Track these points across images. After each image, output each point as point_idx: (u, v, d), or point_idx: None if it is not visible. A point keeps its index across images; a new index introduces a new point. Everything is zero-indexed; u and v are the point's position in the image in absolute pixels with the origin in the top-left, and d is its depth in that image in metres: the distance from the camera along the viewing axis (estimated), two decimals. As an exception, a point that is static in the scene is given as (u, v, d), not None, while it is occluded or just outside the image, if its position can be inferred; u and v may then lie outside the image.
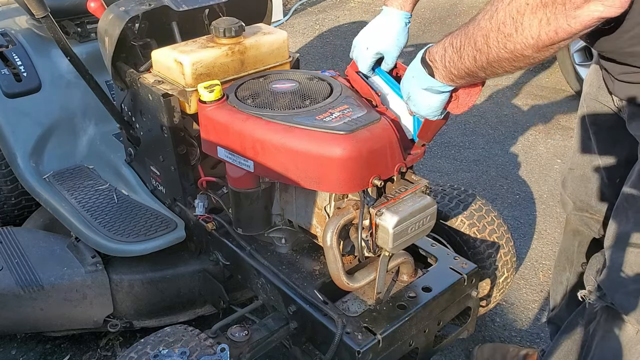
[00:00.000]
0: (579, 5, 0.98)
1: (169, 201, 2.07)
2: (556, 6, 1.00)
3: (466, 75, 1.21)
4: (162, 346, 1.48)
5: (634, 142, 1.38)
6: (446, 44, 1.22)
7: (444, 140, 3.63)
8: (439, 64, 1.24)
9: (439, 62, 1.24)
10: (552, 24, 1.02)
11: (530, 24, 1.04)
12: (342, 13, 5.70)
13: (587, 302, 1.53)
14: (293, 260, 1.78)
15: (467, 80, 1.25)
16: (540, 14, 1.02)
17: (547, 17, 1.02)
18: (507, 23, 1.07)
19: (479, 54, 1.14)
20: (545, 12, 1.01)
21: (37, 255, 2.03)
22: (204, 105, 1.60)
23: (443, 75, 1.25)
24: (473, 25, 1.15)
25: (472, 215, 2.02)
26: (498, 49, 1.10)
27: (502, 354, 2.10)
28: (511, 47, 1.09)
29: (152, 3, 1.87)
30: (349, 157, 1.40)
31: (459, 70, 1.21)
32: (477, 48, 1.14)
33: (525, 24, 1.04)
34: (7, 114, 2.31)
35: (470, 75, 1.21)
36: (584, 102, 1.65)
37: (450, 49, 1.20)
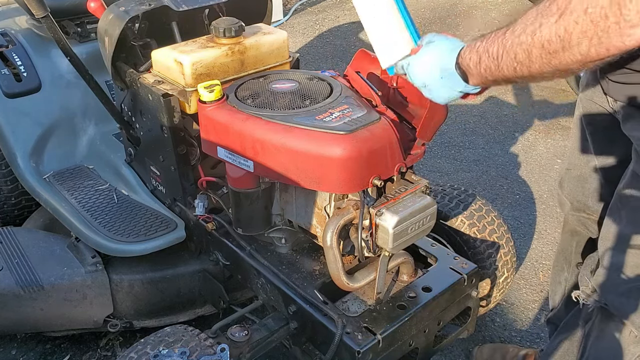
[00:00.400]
0: (635, 24, 0.95)
1: (169, 201, 2.07)
2: (609, 25, 0.96)
3: (503, 81, 1.20)
4: (162, 346, 1.49)
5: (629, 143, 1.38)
6: (480, 50, 1.18)
7: (444, 140, 3.63)
8: (474, 70, 1.21)
9: (473, 68, 1.21)
10: (604, 43, 0.99)
11: (579, 42, 1.00)
12: (342, 13, 5.69)
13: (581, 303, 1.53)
14: (293, 260, 1.78)
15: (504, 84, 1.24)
16: (590, 33, 0.99)
17: (598, 36, 0.98)
18: (553, 41, 1.03)
19: (519, 66, 1.12)
20: (596, 31, 0.98)
21: (37, 255, 2.03)
22: (204, 105, 1.60)
23: (477, 80, 1.23)
24: (511, 37, 1.11)
25: (472, 215, 2.02)
26: (542, 64, 1.08)
27: (501, 354, 2.10)
28: (556, 63, 1.06)
29: (152, 3, 1.87)
30: (349, 157, 1.40)
31: (496, 77, 1.18)
32: (518, 60, 1.11)
33: (574, 42, 1.01)
34: (7, 114, 2.31)
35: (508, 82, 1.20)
36: (580, 103, 1.65)
37: (485, 56, 1.17)
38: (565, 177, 1.80)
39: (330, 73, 1.75)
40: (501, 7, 5.68)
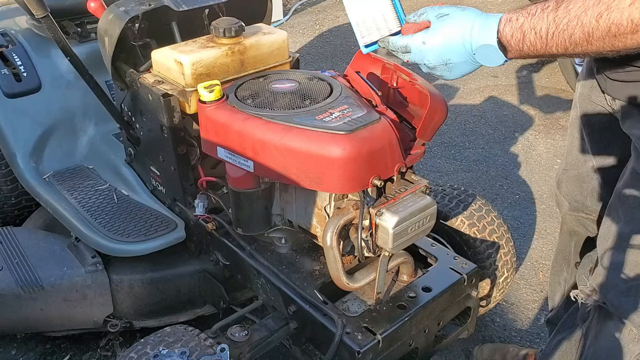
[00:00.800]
0: None
1: (169, 201, 2.07)
2: None
3: (543, 56, 1.16)
4: (162, 346, 1.49)
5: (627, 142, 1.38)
6: (525, 28, 1.13)
7: (444, 140, 3.63)
8: (514, 47, 1.16)
9: (514, 45, 1.16)
10: None
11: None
12: (342, 13, 5.69)
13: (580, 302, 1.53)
14: (293, 260, 1.78)
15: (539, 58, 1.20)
16: None
17: None
18: (623, 25, 0.99)
19: (573, 46, 1.07)
20: None
21: (37, 255, 2.03)
22: (204, 105, 1.60)
23: (515, 55, 1.18)
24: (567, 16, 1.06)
25: (472, 215, 2.02)
26: (602, 46, 1.04)
27: (502, 354, 2.11)
28: (619, 46, 1.03)
29: (152, 3, 1.87)
30: (349, 157, 1.40)
31: (538, 52, 1.13)
32: (573, 41, 1.07)
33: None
34: (7, 114, 2.31)
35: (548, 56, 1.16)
36: (577, 103, 1.65)
37: (532, 34, 1.12)
38: (563, 178, 1.80)
39: (330, 73, 1.75)
40: (501, 7, 5.68)
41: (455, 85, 4.26)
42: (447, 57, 1.24)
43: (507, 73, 4.47)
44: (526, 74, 4.46)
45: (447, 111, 1.56)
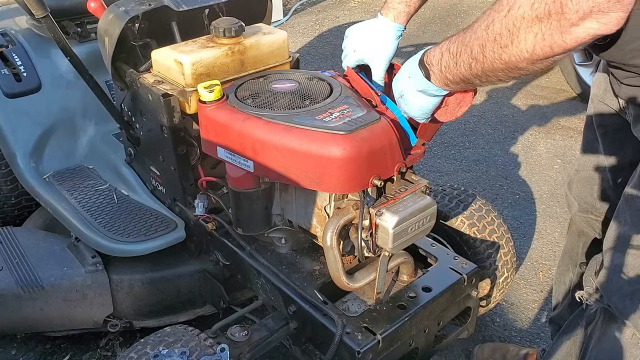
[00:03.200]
0: (574, 23, 0.98)
1: (169, 201, 2.07)
2: (551, 22, 0.99)
3: (461, 81, 1.22)
4: (162, 346, 1.49)
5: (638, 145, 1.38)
6: (443, 49, 1.22)
7: (444, 140, 3.63)
8: (435, 67, 1.25)
9: (435, 66, 1.25)
10: (547, 40, 1.02)
11: (526, 37, 1.04)
12: (342, 13, 5.69)
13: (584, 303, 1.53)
14: (293, 260, 1.78)
15: (462, 86, 1.26)
16: (535, 28, 1.02)
17: (542, 33, 1.01)
18: (504, 34, 1.07)
19: (474, 62, 1.15)
20: (540, 27, 1.01)
21: (37, 255, 2.03)
22: (204, 105, 1.60)
23: (438, 79, 1.26)
24: (470, 33, 1.15)
25: (472, 215, 2.02)
26: (493, 59, 1.11)
27: (502, 353, 2.11)
28: (506, 59, 1.09)
29: (152, 3, 1.87)
30: (349, 157, 1.39)
31: (454, 75, 1.22)
32: (473, 56, 1.14)
33: (521, 37, 1.04)
34: (7, 114, 2.31)
35: (465, 82, 1.22)
36: (592, 104, 1.65)
37: (447, 54, 1.21)
38: (574, 178, 1.79)
39: (330, 73, 1.75)
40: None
41: (455, 85, 4.25)
42: (401, 88, 1.38)
43: (507, 73, 4.46)
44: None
45: None
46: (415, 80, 1.31)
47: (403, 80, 1.36)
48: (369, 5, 5.89)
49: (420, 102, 1.35)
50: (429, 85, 1.29)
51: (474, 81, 1.20)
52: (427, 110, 1.37)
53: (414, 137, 1.53)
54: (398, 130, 1.51)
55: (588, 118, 1.68)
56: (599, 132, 1.63)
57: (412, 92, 1.34)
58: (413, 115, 1.41)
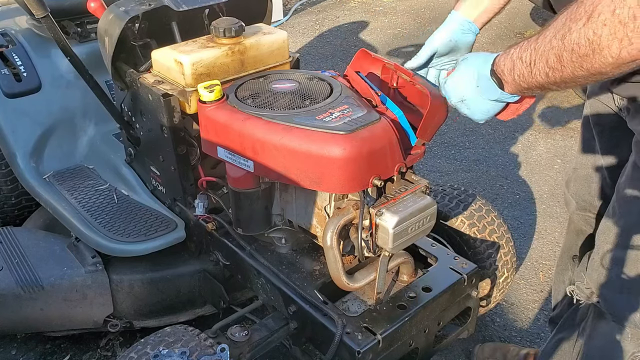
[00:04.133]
0: None
1: (169, 201, 2.07)
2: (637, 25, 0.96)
3: (537, 88, 1.20)
4: (162, 346, 1.48)
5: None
6: (514, 57, 1.20)
7: (444, 140, 3.63)
8: (508, 77, 1.23)
9: (507, 75, 1.23)
10: (635, 44, 0.99)
11: (609, 44, 1.01)
12: (342, 13, 5.69)
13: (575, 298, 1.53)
14: (293, 260, 1.78)
15: (537, 92, 1.24)
16: (620, 34, 0.99)
17: (628, 37, 0.98)
18: (582, 44, 1.03)
19: (552, 72, 1.12)
20: (626, 32, 0.98)
21: (37, 255, 2.03)
22: (204, 105, 1.60)
23: (512, 88, 1.25)
24: (543, 42, 1.12)
25: (472, 215, 2.02)
26: (573, 68, 1.08)
27: (502, 353, 2.11)
28: (588, 67, 1.06)
29: (152, 3, 1.87)
30: (349, 157, 1.39)
31: (529, 84, 1.19)
32: (550, 66, 1.12)
33: (604, 45, 1.01)
34: (7, 114, 2.31)
35: (542, 89, 1.20)
36: (588, 103, 1.65)
37: (519, 63, 1.19)
38: (572, 177, 1.80)
39: (330, 73, 1.75)
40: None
41: (455, 85, 4.25)
42: (462, 94, 1.35)
43: (507, 73, 4.46)
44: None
45: (447, 111, 1.56)
46: (486, 89, 1.29)
47: (467, 86, 1.33)
48: (369, 5, 5.89)
49: (488, 107, 1.34)
50: (504, 95, 1.28)
51: (552, 87, 1.17)
52: (492, 114, 1.36)
53: (414, 136, 1.53)
54: (398, 130, 1.51)
55: (585, 117, 1.68)
56: (596, 131, 1.63)
57: (480, 99, 1.32)
58: (475, 118, 1.39)
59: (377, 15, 5.62)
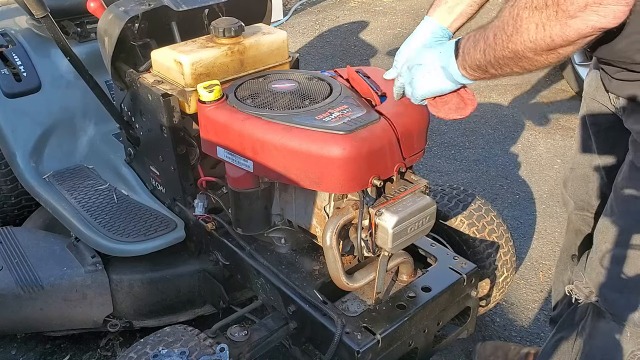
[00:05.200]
0: (572, 15, 0.99)
1: (168, 201, 2.07)
2: (549, 13, 1.01)
3: (477, 67, 1.22)
4: (161, 346, 1.49)
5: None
6: (471, 34, 1.24)
7: (444, 140, 3.63)
8: (461, 52, 1.26)
9: (461, 50, 1.26)
10: (547, 30, 1.03)
11: (528, 27, 1.05)
12: (342, 13, 5.69)
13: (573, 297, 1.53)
14: (293, 260, 1.78)
15: (478, 74, 1.25)
16: (536, 18, 1.03)
17: (542, 23, 1.03)
18: (509, 23, 1.09)
19: (488, 49, 1.17)
20: (540, 17, 1.03)
21: (37, 255, 2.03)
22: (204, 105, 1.60)
23: (460, 62, 1.26)
24: (491, 22, 1.17)
25: (471, 215, 2.02)
26: (502, 47, 1.13)
27: (504, 351, 2.11)
28: (512, 47, 1.10)
29: (152, 3, 1.87)
30: (349, 157, 1.40)
31: (472, 60, 1.22)
32: (488, 43, 1.16)
33: (524, 27, 1.06)
34: (7, 114, 2.31)
35: (480, 69, 1.22)
36: (584, 103, 1.65)
37: (472, 39, 1.23)
38: (569, 177, 1.80)
39: (330, 73, 1.75)
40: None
41: (455, 85, 4.25)
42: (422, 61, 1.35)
43: (507, 73, 4.46)
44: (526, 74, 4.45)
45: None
46: (444, 57, 1.29)
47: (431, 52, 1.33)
48: (369, 5, 5.89)
49: (435, 76, 1.32)
50: (451, 64, 1.27)
51: (489, 69, 1.21)
52: (434, 89, 1.34)
53: None
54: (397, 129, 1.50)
55: (581, 117, 1.68)
56: (592, 131, 1.63)
57: (435, 65, 1.31)
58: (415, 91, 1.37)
59: (377, 15, 5.62)
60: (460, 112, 1.37)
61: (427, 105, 1.41)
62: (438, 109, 1.39)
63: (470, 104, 1.36)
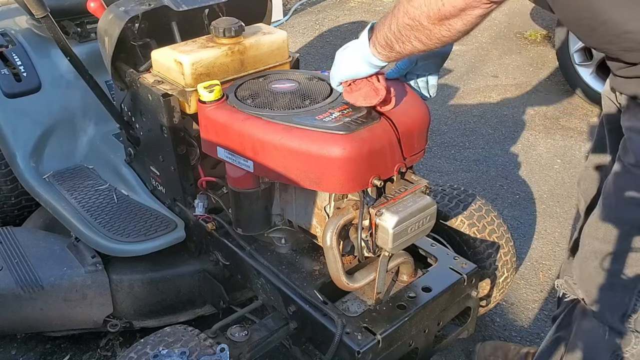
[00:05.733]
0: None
1: (168, 201, 2.07)
2: None
3: (385, 44, 1.27)
4: (161, 346, 1.49)
5: None
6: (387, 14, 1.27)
7: (444, 140, 3.63)
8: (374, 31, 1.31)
9: (374, 29, 1.31)
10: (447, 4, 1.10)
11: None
12: (342, 13, 5.69)
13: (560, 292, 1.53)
14: (293, 260, 1.78)
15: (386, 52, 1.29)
16: None
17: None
18: None
19: (393, 20, 1.22)
20: None
21: (37, 255, 2.03)
22: (204, 105, 1.60)
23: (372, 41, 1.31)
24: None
25: (471, 215, 2.02)
26: (403, 14, 1.18)
27: (504, 351, 2.11)
28: (411, 13, 1.16)
29: (152, 3, 1.87)
30: (349, 157, 1.40)
31: (380, 36, 1.27)
32: (393, 14, 1.22)
33: None
34: (7, 114, 2.31)
35: (388, 45, 1.27)
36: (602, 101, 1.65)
37: (383, 18, 1.27)
38: (583, 175, 1.79)
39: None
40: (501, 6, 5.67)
41: (455, 85, 4.26)
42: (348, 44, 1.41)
43: (507, 73, 4.47)
44: (526, 74, 4.46)
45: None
46: (362, 37, 1.34)
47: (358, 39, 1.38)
48: (369, 5, 5.89)
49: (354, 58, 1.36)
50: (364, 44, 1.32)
51: (394, 45, 1.25)
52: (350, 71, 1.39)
53: None
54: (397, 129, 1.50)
55: (599, 114, 1.67)
56: (607, 129, 1.62)
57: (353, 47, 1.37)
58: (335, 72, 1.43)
59: (377, 15, 5.62)
60: (368, 100, 1.41)
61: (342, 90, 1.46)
62: (349, 95, 1.44)
63: (380, 93, 1.40)
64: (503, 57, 4.74)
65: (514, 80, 4.38)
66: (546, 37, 5.03)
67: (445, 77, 4.39)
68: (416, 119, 1.55)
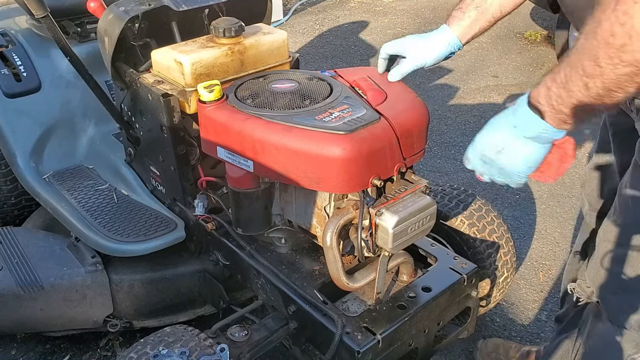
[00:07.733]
0: None
1: (168, 201, 2.07)
2: None
3: (581, 111, 1.04)
4: (161, 346, 1.49)
5: None
6: (548, 83, 1.07)
7: (444, 140, 3.63)
8: (546, 106, 1.08)
9: (545, 104, 1.08)
10: None
11: None
12: (342, 13, 5.69)
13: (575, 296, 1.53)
14: (293, 260, 1.78)
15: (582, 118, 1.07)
16: None
17: None
18: (617, 32, 0.91)
19: (591, 81, 0.98)
20: None
21: (37, 255, 2.03)
22: (204, 105, 1.60)
23: (552, 117, 1.08)
24: (574, 53, 1.00)
25: (471, 215, 2.02)
26: (614, 65, 0.94)
27: (505, 349, 2.11)
28: (629, 58, 0.92)
29: (152, 3, 1.87)
30: (349, 157, 1.40)
31: (570, 107, 1.04)
32: (587, 73, 0.98)
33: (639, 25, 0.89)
34: (7, 114, 2.31)
35: (585, 110, 1.04)
36: None
37: (554, 86, 1.05)
38: (587, 177, 1.79)
39: (330, 73, 1.75)
40: (501, 7, 5.67)
41: (455, 85, 4.26)
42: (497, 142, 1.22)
43: (507, 73, 4.47)
44: (526, 74, 4.46)
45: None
46: (525, 126, 1.13)
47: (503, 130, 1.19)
48: (369, 5, 5.89)
49: (527, 150, 1.16)
50: (546, 127, 1.10)
51: (597, 106, 1.01)
52: (532, 162, 1.18)
53: None
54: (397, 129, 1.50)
55: (604, 118, 1.67)
56: (611, 132, 1.62)
57: (519, 141, 1.16)
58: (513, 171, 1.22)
59: (377, 15, 5.62)
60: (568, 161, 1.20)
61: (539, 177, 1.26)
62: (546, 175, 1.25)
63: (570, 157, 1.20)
64: (503, 57, 4.74)
65: (514, 80, 4.38)
66: (546, 37, 5.03)
67: (445, 77, 4.39)
68: (416, 119, 1.56)
